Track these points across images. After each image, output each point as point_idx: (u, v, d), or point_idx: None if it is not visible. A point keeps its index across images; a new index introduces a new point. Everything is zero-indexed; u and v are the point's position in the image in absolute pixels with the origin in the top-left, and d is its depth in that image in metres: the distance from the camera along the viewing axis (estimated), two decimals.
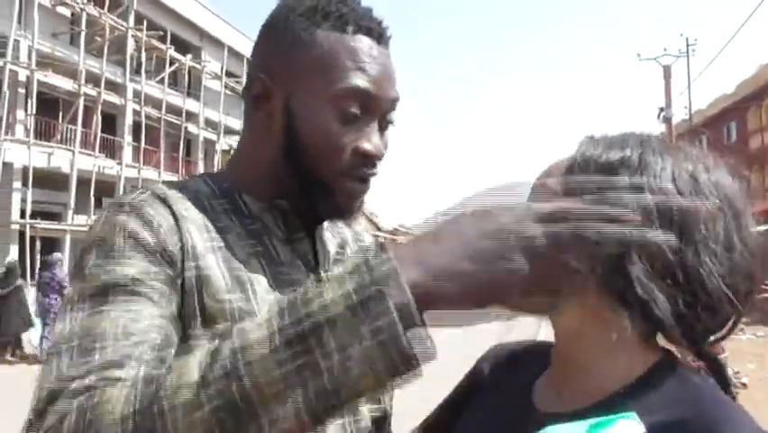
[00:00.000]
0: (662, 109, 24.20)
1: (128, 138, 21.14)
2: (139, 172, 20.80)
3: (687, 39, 25.67)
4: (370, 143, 0.78)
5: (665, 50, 25.28)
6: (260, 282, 0.76)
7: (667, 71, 24.21)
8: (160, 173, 21.81)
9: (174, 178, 22.32)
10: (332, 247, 0.90)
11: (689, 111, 26.35)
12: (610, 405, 0.59)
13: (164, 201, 0.75)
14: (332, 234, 0.91)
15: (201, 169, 24.69)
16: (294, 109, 0.78)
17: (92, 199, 18.41)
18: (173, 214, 0.73)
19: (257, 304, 0.73)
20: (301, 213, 0.83)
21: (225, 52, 25.53)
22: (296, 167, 0.79)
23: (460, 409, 0.80)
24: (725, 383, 0.62)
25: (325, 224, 0.89)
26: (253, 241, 0.79)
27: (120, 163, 20.23)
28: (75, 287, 0.68)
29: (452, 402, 0.83)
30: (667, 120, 23.95)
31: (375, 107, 0.78)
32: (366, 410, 0.83)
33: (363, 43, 0.77)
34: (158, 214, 0.72)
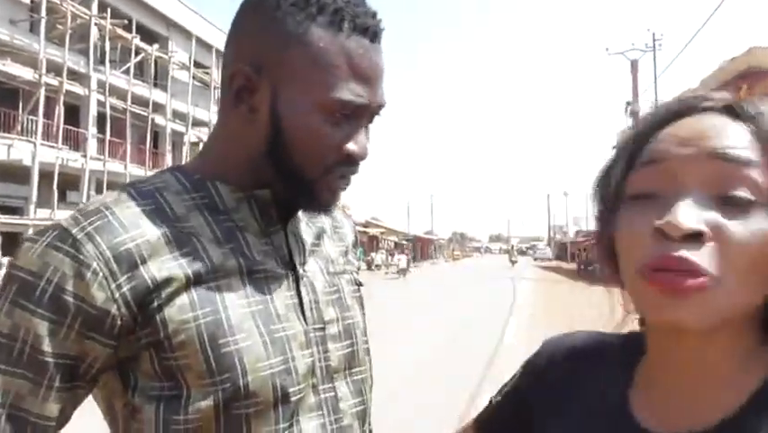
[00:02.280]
0: (629, 103, 24.58)
1: (92, 130, 20.69)
2: (104, 165, 20.39)
3: (653, 34, 26.13)
4: (356, 145, 0.77)
5: (633, 44, 25.72)
6: (233, 289, 0.74)
7: (634, 66, 24.61)
8: (126, 166, 21.41)
9: (141, 171, 21.98)
10: (308, 238, 0.87)
11: (655, 105, 26.84)
12: (741, 420, 0.54)
13: (120, 231, 0.71)
14: (307, 224, 0.89)
15: (169, 161, 24.32)
16: (281, 107, 0.75)
17: (55, 193, 17.99)
18: (128, 249, 0.70)
19: (227, 315, 0.72)
20: (279, 203, 0.81)
21: (194, 42, 25.11)
22: (279, 162, 0.77)
23: (522, 406, 0.75)
24: None
25: (301, 214, 0.87)
26: (227, 240, 0.77)
27: (84, 156, 19.78)
28: None
29: (516, 398, 0.78)
30: (634, 114, 24.36)
31: (364, 113, 0.78)
32: (347, 407, 0.82)
33: (359, 46, 0.75)
34: (100, 254, 0.69)
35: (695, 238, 0.51)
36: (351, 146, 0.77)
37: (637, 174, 0.57)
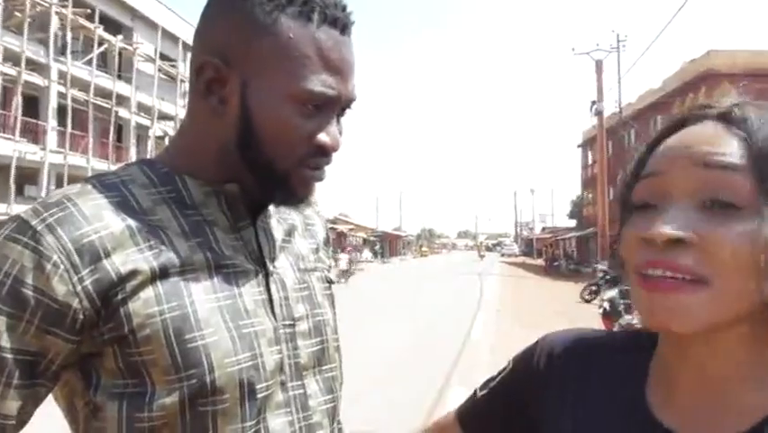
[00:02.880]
0: (594, 102, 25.02)
1: (52, 122, 20.18)
2: (65, 158, 19.91)
3: (618, 35, 26.65)
4: (328, 136, 0.77)
5: (598, 45, 26.15)
6: (200, 283, 0.73)
7: (599, 65, 25.04)
8: (88, 159, 20.94)
9: (104, 165, 21.51)
10: (278, 234, 0.86)
11: (619, 104, 27.37)
12: None
13: (83, 223, 0.69)
14: (278, 220, 0.87)
15: (133, 155, 23.87)
16: (251, 98, 0.74)
17: (12, 187, 17.50)
18: (91, 241, 0.69)
19: (193, 310, 0.71)
20: (249, 198, 0.79)
21: (159, 34, 24.67)
22: (251, 155, 0.76)
23: (513, 401, 0.76)
24: None
25: (272, 209, 0.86)
26: (194, 234, 0.75)
27: (44, 149, 19.27)
28: None
29: (497, 395, 0.78)
30: (599, 113, 24.79)
31: (335, 105, 0.77)
32: (316, 404, 0.81)
33: (329, 37, 0.74)
34: (62, 247, 0.67)
35: (678, 244, 0.54)
36: (322, 137, 0.76)
37: (639, 186, 0.60)
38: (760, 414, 0.56)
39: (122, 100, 23.23)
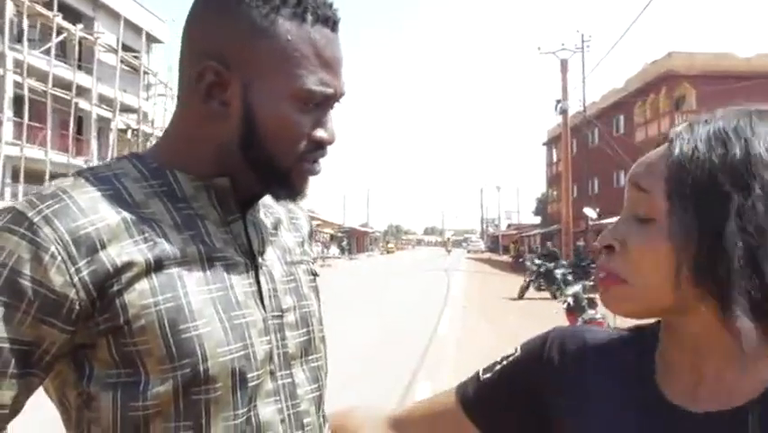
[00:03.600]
0: (558, 101, 25.41)
1: (8, 113, 19.62)
2: (21, 151, 19.37)
3: (582, 35, 27.13)
4: (326, 132, 0.80)
5: (563, 44, 26.57)
6: (193, 275, 0.75)
7: (564, 65, 25.44)
8: (46, 152, 20.40)
9: (63, 158, 20.96)
10: (265, 228, 0.88)
11: (583, 103, 27.88)
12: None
13: (79, 215, 0.71)
14: (265, 214, 0.89)
15: (94, 148, 23.35)
16: (254, 100, 0.77)
17: None
18: (87, 232, 0.70)
19: (187, 301, 0.73)
20: (239, 192, 0.81)
21: (122, 24, 24.15)
22: (253, 154, 0.79)
23: (521, 387, 0.80)
24: None
25: (259, 203, 0.88)
26: (187, 227, 0.77)
27: None
28: None
29: (506, 380, 0.82)
30: (563, 112, 25.19)
31: (331, 101, 0.81)
32: (304, 393, 0.83)
33: (323, 36, 0.78)
34: (58, 238, 0.69)
35: (611, 249, 0.67)
36: (321, 132, 0.79)
37: None
38: (748, 393, 0.62)
39: (82, 91, 22.68)
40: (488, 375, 0.83)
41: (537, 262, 16.86)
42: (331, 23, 0.78)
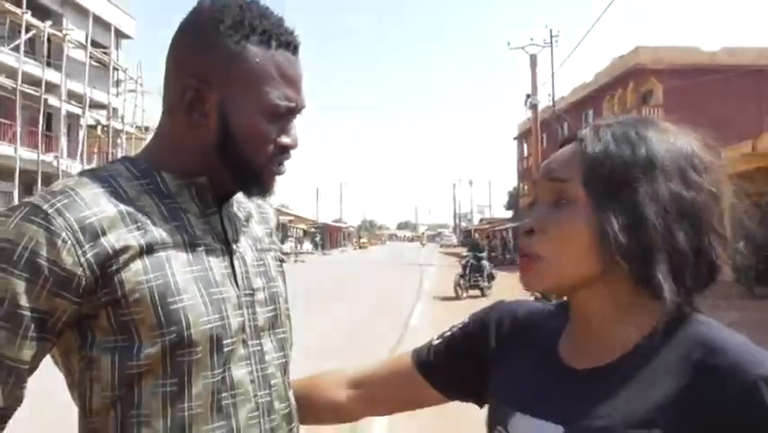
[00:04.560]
0: (528, 96, 25.67)
1: None
2: None
3: (551, 30, 27.46)
4: (290, 138, 0.95)
5: (532, 39, 26.80)
6: (178, 258, 0.88)
7: (533, 60, 25.68)
8: (16, 149, 20.01)
9: (33, 154, 20.58)
10: (238, 220, 1.02)
11: (552, 98, 28.23)
12: (635, 355, 0.73)
13: (85, 208, 0.84)
14: (238, 208, 1.03)
15: (64, 144, 22.90)
16: (228, 111, 0.91)
17: None
18: (92, 222, 0.84)
19: (173, 280, 0.86)
20: (216, 189, 0.96)
21: (90, 20, 23.73)
22: (229, 157, 0.92)
23: (460, 353, 0.95)
24: None
25: (233, 200, 1.02)
26: (172, 218, 0.91)
27: None
28: None
29: (455, 344, 0.97)
30: (533, 106, 25.47)
31: (294, 112, 0.95)
32: (271, 359, 0.97)
33: (285, 58, 0.92)
34: (69, 226, 0.82)
35: (531, 233, 0.78)
36: (285, 139, 0.94)
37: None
38: (619, 352, 0.76)
39: (51, 88, 22.22)
40: (439, 340, 1.00)
41: (464, 254, 16.47)
42: (292, 47, 0.93)
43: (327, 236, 64.73)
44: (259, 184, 0.96)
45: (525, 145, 40.87)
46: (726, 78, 24.08)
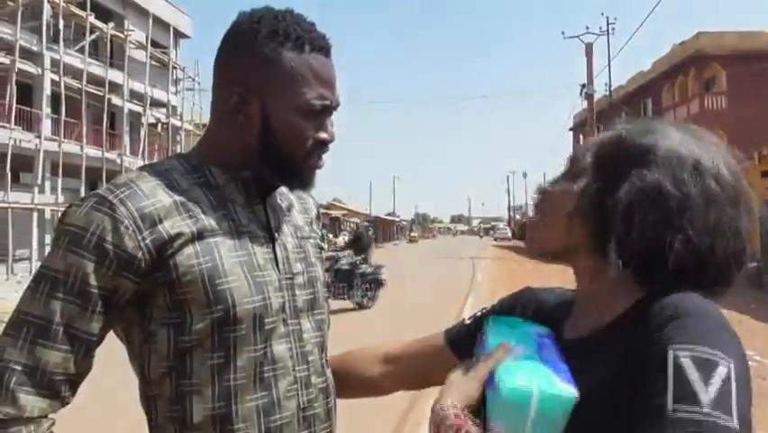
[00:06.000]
0: (583, 86, 25.10)
1: (47, 110, 20.12)
2: (59, 146, 19.92)
3: (607, 18, 26.71)
4: (326, 134, 1.03)
5: (587, 28, 26.19)
6: (225, 243, 0.97)
7: (589, 49, 25.08)
8: (82, 147, 20.93)
9: (98, 152, 21.48)
10: (280, 210, 1.10)
11: (609, 88, 27.48)
12: (609, 329, 0.79)
13: (144, 198, 0.93)
14: (280, 199, 1.12)
15: (126, 142, 23.80)
16: (269, 113, 0.99)
17: (8, 174, 17.55)
18: (151, 211, 0.93)
19: (221, 263, 0.95)
20: (259, 182, 1.04)
21: (150, 21, 24.53)
22: (270, 153, 1.01)
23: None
24: None
25: (276, 192, 1.10)
26: (220, 208, 1.00)
27: (38, 136, 19.29)
28: (45, 261, 0.92)
29: (480, 325, 1.00)
30: (589, 96, 24.90)
31: (329, 110, 1.03)
32: (309, 337, 1.05)
33: (318, 60, 1.00)
34: (131, 214, 0.91)
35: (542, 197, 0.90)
36: (322, 134, 1.02)
37: None
38: (602, 322, 0.81)
39: (114, 87, 23.18)
40: (470, 320, 1.07)
41: (331, 254, 12.12)
42: (325, 50, 1.01)
43: (380, 230, 65.05)
44: (299, 178, 1.04)
45: (581, 136, 39.97)
46: None
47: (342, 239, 41.52)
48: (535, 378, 0.73)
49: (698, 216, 0.76)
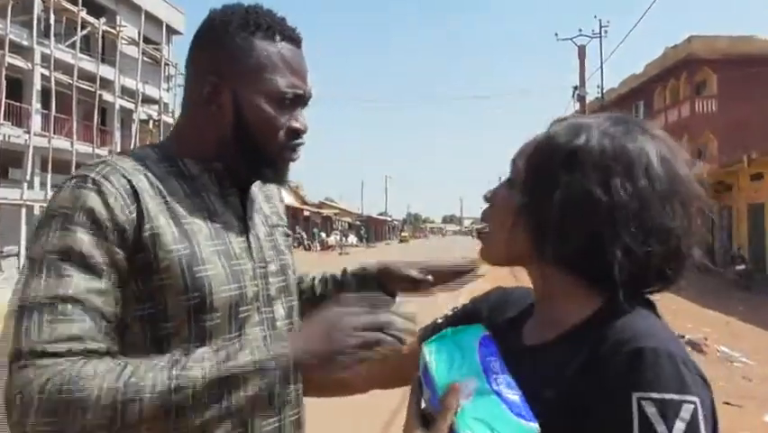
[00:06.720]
0: (576, 88, 25.22)
1: (36, 105, 20.01)
2: (49, 142, 19.79)
3: (600, 21, 26.84)
4: (298, 123, 1.03)
5: (580, 30, 26.31)
6: (202, 232, 0.97)
7: (582, 51, 25.21)
8: (72, 143, 20.81)
9: (88, 148, 21.36)
10: (252, 200, 1.11)
11: (601, 90, 27.61)
12: (569, 336, 0.78)
13: (123, 175, 0.93)
14: (257, 188, 1.14)
15: (117, 138, 23.69)
16: (241, 102, 1.00)
17: None
18: (132, 186, 0.92)
19: (199, 250, 0.95)
20: (231, 173, 1.05)
21: (143, 17, 24.47)
22: (243, 143, 1.01)
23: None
24: None
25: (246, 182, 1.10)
26: (195, 197, 1.00)
27: (28, 132, 19.16)
28: (37, 248, 0.88)
29: (455, 322, 1.00)
30: (581, 98, 25.01)
31: (301, 98, 1.03)
32: (281, 324, 1.06)
33: (289, 50, 1.02)
34: (116, 189, 0.91)
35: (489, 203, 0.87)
36: (295, 124, 1.02)
37: None
38: (560, 329, 0.80)
39: (105, 83, 23.05)
40: (442, 319, 1.07)
41: None
42: (295, 40, 1.03)
43: (372, 229, 65.11)
44: (273, 169, 1.05)
45: None
46: None
47: (334, 238, 41.67)
48: (496, 425, 0.71)
49: (632, 222, 0.74)
